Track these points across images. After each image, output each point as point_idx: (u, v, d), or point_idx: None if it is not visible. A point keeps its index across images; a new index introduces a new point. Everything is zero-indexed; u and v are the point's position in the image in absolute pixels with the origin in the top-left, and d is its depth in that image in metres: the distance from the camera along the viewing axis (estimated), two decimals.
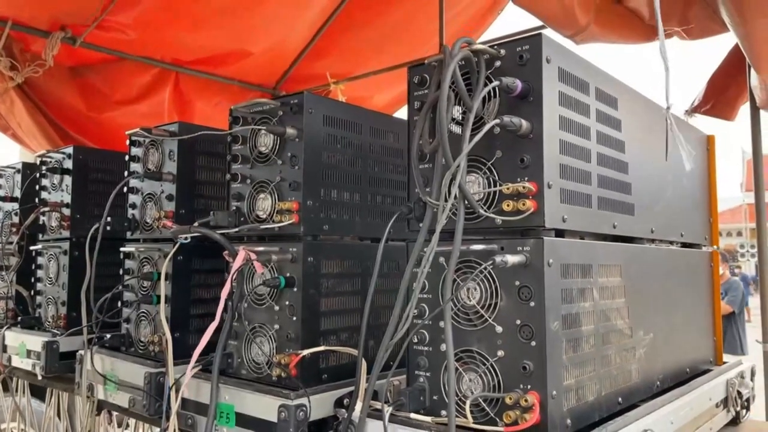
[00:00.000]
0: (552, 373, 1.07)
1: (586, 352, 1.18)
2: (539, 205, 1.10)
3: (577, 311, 1.16)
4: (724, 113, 3.09)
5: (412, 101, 1.28)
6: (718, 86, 3.03)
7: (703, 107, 3.15)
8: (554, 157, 1.13)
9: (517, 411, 1.06)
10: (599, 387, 1.22)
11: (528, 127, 1.11)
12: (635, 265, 1.40)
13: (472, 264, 1.15)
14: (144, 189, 1.93)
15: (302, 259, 1.47)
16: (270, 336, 1.51)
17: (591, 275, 1.22)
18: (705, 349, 1.81)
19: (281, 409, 1.34)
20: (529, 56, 1.13)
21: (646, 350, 1.42)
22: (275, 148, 1.54)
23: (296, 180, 1.49)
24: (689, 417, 1.41)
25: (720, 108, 3.08)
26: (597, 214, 1.28)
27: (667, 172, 1.65)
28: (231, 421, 1.46)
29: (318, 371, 1.49)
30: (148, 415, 1.67)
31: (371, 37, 4.09)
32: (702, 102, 3.14)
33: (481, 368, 1.13)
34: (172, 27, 3.62)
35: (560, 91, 1.17)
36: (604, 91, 1.33)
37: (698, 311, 1.79)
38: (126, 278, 1.92)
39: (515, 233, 1.13)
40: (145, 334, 1.86)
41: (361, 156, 1.66)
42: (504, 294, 1.12)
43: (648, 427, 1.19)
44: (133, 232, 1.96)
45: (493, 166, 1.16)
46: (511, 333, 1.10)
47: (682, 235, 1.70)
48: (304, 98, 1.50)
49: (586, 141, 1.25)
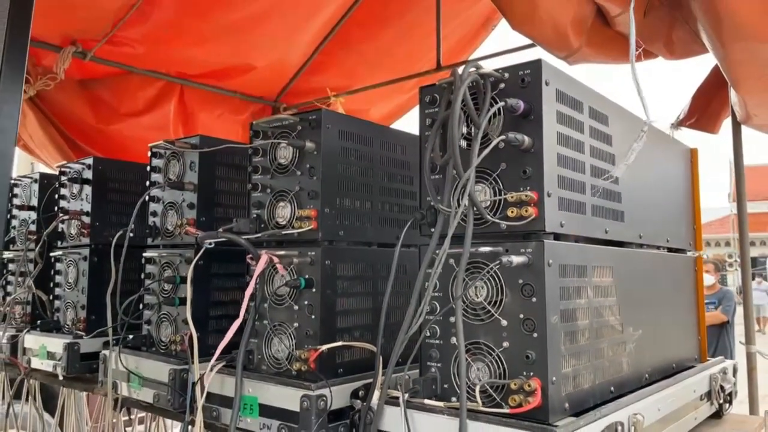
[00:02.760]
0: (552, 362, 1.20)
1: (582, 345, 1.31)
2: (540, 211, 1.23)
3: (573, 307, 1.30)
4: (708, 127, 3.26)
5: (423, 118, 1.42)
6: (702, 101, 3.20)
7: (688, 121, 3.31)
8: (553, 169, 1.27)
9: (521, 395, 1.19)
10: (593, 376, 1.35)
11: (530, 142, 1.25)
12: (625, 267, 1.54)
13: (479, 264, 1.28)
14: (165, 198, 2.05)
15: (320, 262, 1.60)
16: (290, 333, 1.63)
17: (586, 275, 1.36)
18: (690, 346, 1.95)
19: (303, 398, 1.46)
20: (530, 79, 1.27)
21: (635, 345, 1.55)
22: (294, 160, 1.67)
23: (314, 189, 1.62)
24: (675, 406, 1.54)
25: (704, 122, 3.25)
26: (591, 220, 1.42)
27: (655, 182, 1.80)
28: (255, 412, 1.58)
29: (335, 366, 1.61)
30: (173, 409, 1.79)
31: (368, 53, 4.24)
32: (687, 116, 3.30)
33: (488, 358, 1.26)
34: (179, 42, 3.74)
35: (558, 110, 1.31)
36: (597, 109, 1.47)
37: (683, 311, 1.93)
38: (148, 282, 2.04)
39: (518, 237, 1.27)
40: (166, 335, 1.98)
41: (372, 168, 1.80)
42: (509, 291, 1.25)
43: (638, 412, 1.32)
44: (154, 238, 2.08)
45: (498, 177, 1.30)
46: (515, 326, 1.24)
47: (668, 241, 1.84)
48: (323, 115, 1.64)
49: (581, 154, 1.39)
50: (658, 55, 2.20)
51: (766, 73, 1.98)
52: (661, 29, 2.03)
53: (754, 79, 2.05)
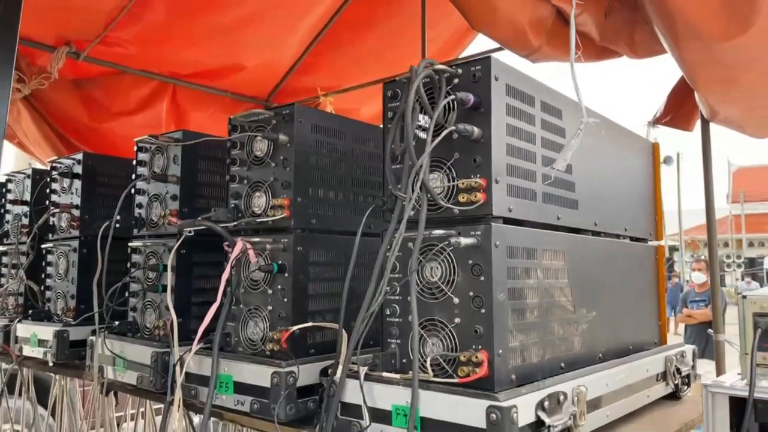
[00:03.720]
0: (498, 336, 1.30)
1: (530, 321, 1.41)
2: (488, 197, 1.33)
3: (522, 286, 1.39)
4: (683, 124, 3.35)
5: (386, 112, 1.52)
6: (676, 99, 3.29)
7: (663, 119, 3.41)
8: (501, 158, 1.37)
9: (469, 366, 1.29)
10: (543, 351, 1.44)
11: (479, 133, 1.34)
12: (579, 252, 1.64)
13: (434, 247, 1.38)
14: (150, 190, 2.15)
15: (292, 249, 1.69)
16: (264, 316, 1.73)
17: (536, 257, 1.45)
18: (650, 331, 2.05)
19: (274, 375, 1.56)
20: (480, 75, 1.37)
21: (588, 326, 1.65)
22: (269, 153, 1.77)
23: (287, 180, 1.72)
24: (624, 383, 1.64)
25: (679, 120, 3.34)
26: (542, 206, 1.51)
27: (613, 174, 1.89)
28: (230, 390, 1.68)
29: (306, 346, 1.71)
30: (155, 389, 1.88)
31: (357, 54, 4.34)
32: (663, 114, 3.40)
33: (442, 333, 1.36)
34: (171, 43, 3.84)
35: (508, 103, 1.41)
36: (549, 103, 1.57)
37: (643, 297, 2.02)
38: (133, 270, 2.14)
39: (469, 221, 1.36)
40: (150, 321, 2.07)
41: (345, 160, 1.89)
42: (460, 271, 1.35)
43: (582, 385, 1.41)
44: (139, 229, 2.18)
45: (452, 165, 1.39)
46: (466, 303, 1.33)
47: (626, 230, 1.94)
48: (295, 109, 1.74)
49: (532, 145, 1.49)
50: (623, 55, 2.30)
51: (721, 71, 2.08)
52: (623, 30, 2.12)
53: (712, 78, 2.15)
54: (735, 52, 1.99)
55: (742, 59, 2.03)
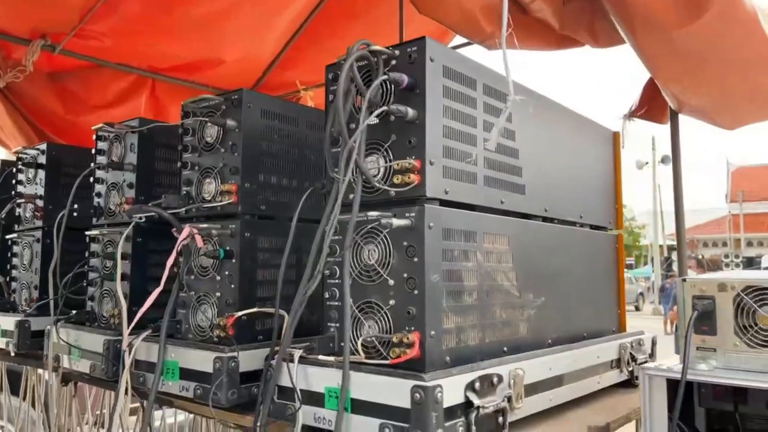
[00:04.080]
0: (431, 317, 1.29)
1: (468, 304, 1.40)
2: (422, 178, 1.32)
3: (459, 268, 1.38)
4: (657, 117, 3.34)
5: (327, 95, 1.51)
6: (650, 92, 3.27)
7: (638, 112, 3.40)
8: (437, 140, 1.36)
9: (401, 348, 1.28)
10: (482, 335, 1.44)
11: (414, 114, 1.33)
12: (526, 237, 1.63)
13: (371, 229, 1.37)
14: (108, 179, 2.14)
15: (240, 234, 1.68)
16: (212, 303, 1.72)
17: (475, 240, 1.44)
18: (607, 319, 2.04)
19: (216, 360, 1.55)
20: (416, 56, 1.36)
21: (536, 311, 1.64)
22: (219, 138, 1.76)
23: (235, 165, 1.71)
24: (571, 368, 1.63)
25: (653, 112, 3.33)
26: (484, 190, 1.50)
27: (567, 161, 1.88)
28: (176, 376, 1.67)
29: (254, 332, 1.70)
30: (107, 377, 1.87)
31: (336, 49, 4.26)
32: (638, 107, 3.38)
33: (377, 315, 1.35)
34: (147, 36, 3.83)
35: (445, 85, 1.40)
36: (493, 87, 1.56)
37: (601, 285, 2.02)
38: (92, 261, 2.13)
39: (405, 202, 1.35)
40: (107, 309, 2.06)
41: (298, 146, 1.88)
42: (396, 253, 1.34)
43: (520, 368, 1.40)
44: (98, 218, 2.17)
45: (389, 147, 1.38)
46: (400, 284, 1.32)
47: (581, 217, 1.93)
48: (243, 94, 1.73)
49: (472, 128, 1.48)
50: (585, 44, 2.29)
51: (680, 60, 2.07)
52: (583, 18, 2.12)
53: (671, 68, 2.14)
54: (691, 40, 1.98)
55: (699, 47, 2.02)
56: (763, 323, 1.30)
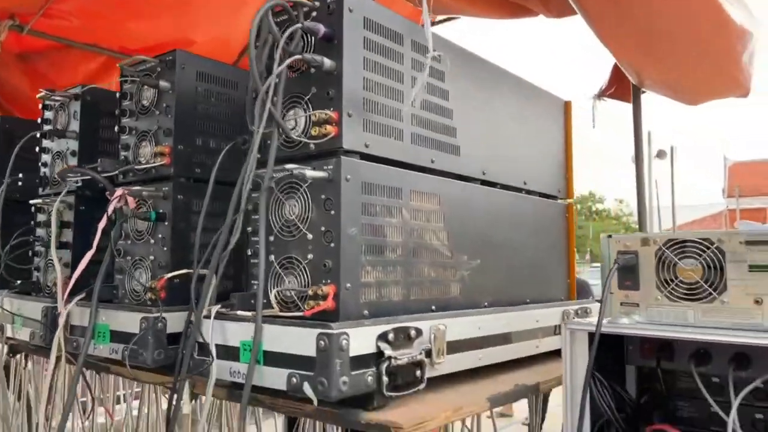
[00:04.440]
0: (346, 269, 1.27)
1: (391, 259, 1.38)
2: (339, 130, 1.30)
3: (381, 224, 1.37)
4: (625, 97, 3.33)
5: (251, 51, 1.48)
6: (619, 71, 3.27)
7: (608, 91, 3.39)
8: (356, 92, 1.34)
9: (316, 300, 1.26)
10: (407, 291, 1.42)
11: (331, 65, 1.31)
12: (460, 198, 1.61)
13: (291, 183, 1.35)
14: (53, 148, 2.12)
15: (172, 197, 1.67)
16: (146, 266, 1.70)
17: (401, 197, 1.42)
18: (556, 288, 2.02)
19: (142, 320, 1.54)
20: (335, 7, 1.34)
21: (471, 273, 1.62)
22: (154, 101, 1.74)
23: (168, 127, 1.69)
24: (504, 329, 1.61)
25: (621, 92, 3.32)
26: (411, 147, 1.49)
27: (510, 127, 1.87)
28: (106, 339, 1.65)
29: (187, 295, 1.67)
30: (45, 345, 1.85)
31: None
32: (607, 86, 3.38)
33: (297, 270, 1.33)
34: (115, 16, 3.78)
35: (366, 37, 1.38)
36: (424, 45, 1.54)
37: (548, 253, 2.00)
38: (37, 229, 2.11)
39: (325, 155, 1.33)
40: (51, 279, 2.04)
41: (238, 110, 1.86)
42: (314, 207, 1.32)
43: (442, 324, 1.39)
44: (44, 188, 2.15)
45: (309, 100, 1.37)
46: (318, 238, 1.31)
47: (525, 183, 1.91)
48: (177, 55, 1.71)
49: (399, 84, 1.46)
50: (539, 13, 2.27)
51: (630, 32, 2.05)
52: None
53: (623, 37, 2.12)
54: (638, 6, 1.96)
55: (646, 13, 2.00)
56: (683, 276, 1.28)
